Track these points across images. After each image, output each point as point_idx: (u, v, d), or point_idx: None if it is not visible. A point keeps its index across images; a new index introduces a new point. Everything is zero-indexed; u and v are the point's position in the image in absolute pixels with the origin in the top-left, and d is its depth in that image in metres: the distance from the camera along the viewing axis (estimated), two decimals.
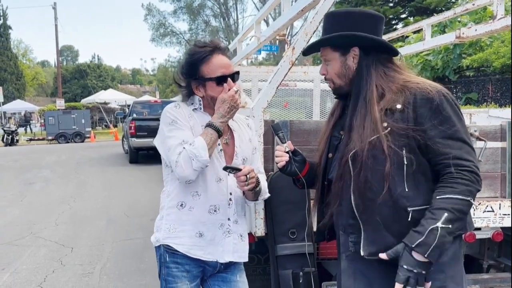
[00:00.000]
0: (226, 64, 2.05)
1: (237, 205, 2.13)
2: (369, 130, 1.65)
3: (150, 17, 39.62)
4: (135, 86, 74.99)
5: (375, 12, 1.89)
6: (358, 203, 1.68)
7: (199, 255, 2.07)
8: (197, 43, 2.08)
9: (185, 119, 2.05)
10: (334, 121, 1.95)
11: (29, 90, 52.81)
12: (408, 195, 1.63)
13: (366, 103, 1.69)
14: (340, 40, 1.77)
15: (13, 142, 22.80)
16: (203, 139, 1.95)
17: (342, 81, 1.82)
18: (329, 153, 1.91)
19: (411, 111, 1.64)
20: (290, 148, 1.92)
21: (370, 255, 1.68)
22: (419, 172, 1.65)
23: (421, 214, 1.62)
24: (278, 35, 4.35)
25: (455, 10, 4.77)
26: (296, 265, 2.57)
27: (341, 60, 1.80)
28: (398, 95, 1.68)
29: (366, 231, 1.68)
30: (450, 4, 22.65)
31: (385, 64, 1.78)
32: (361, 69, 1.76)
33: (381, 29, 1.82)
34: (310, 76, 5.61)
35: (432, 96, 1.64)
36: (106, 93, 37.99)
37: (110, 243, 5.97)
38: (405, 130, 1.63)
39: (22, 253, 5.63)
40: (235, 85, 2.05)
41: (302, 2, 3.00)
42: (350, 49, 1.78)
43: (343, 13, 1.86)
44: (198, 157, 1.92)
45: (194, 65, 2.03)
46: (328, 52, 1.83)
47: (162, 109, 2.09)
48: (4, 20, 47.84)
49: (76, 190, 10.04)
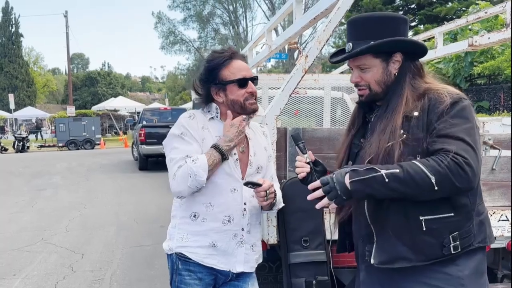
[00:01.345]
0: (246, 67, 2.07)
1: (251, 215, 2.13)
2: (388, 136, 1.63)
3: (160, 25, 39.89)
4: (145, 94, 75.48)
5: (403, 15, 1.86)
6: (371, 212, 1.67)
7: (212, 264, 2.07)
8: (215, 50, 2.10)
9: (196, 131, 2.04)
10: (356, 129, 1.92)
11: (40, 97, 53.40)
12: (421, 204, 1.60)
13: (395, 109, 1.67)
14: (386, 46, 1.72)
15: (24, 149, 23.01)
16: (206, 160, 1.94)
17: (380, 87, 1.76)
18: (348, 161, 1.88)
19: (425, 117, 1.63)
20: (311, 159, 1.88)
21: (381, 264, 1.65)
22: None
23: (435, 223, 1.59)
24: (289, 43, 4.37)
25: (468, 18, 4.75)
26: (309, 273, 2.55)
27: (382, 67, 1.75)
28: (417, 102, 1.67)
29: (379, 240, 1.67)
30: (460, 12, 22.60)
31: (416, 69, 1.76)
32: (401, 76, 1.73)
33: (408, 32, 1.81)
34: (321, 84, 5.61)
35: (444, 100, 1.62)
36: (116, 101, 38.31)
37: (120, 250, 5.99)
38: (418, 140, 1.61)
39: (33, 259, 5.65)
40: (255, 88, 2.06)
41: (315, 11, 3.02)
42: (392, 55, 1.74)
43: (375, 17, 1.80)
44: (196, 176, 1.92)
45: (214, 70, 2.04)
46: (369, 58, 1.75)
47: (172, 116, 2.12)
48: (16, 28, 48.57)
49: (87, 196, 10.09)
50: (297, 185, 2.08)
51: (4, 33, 47.36)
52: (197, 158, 1.95)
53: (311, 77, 5.59)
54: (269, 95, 5.47)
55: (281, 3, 34.08)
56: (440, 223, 1.60)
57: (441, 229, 1.60)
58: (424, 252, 1.61)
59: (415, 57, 1.77)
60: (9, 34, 47.59)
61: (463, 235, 1.63)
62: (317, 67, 28.68)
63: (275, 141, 2.62)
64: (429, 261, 1.61)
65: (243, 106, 2.04)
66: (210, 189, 2.03)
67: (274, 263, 3.08)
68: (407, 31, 1.78)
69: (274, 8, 35.47)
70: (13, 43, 47.46)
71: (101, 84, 52.75)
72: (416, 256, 1.61)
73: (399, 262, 1.63)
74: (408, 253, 1.61)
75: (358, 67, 1.79)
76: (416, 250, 1.61)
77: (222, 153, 1.98)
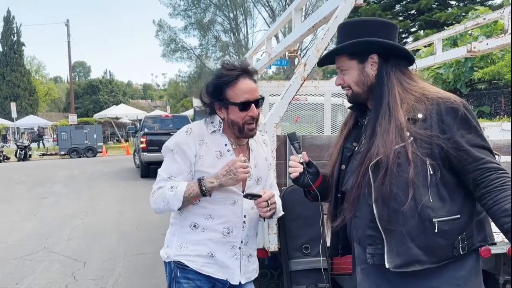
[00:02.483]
0: (251, 89, 2.01)
1: (250, 227, 2.14)
2: (394, 136, 1.62)
3: (161, 33, 39.98)
4: (146, 101, 75.68)
5: (390, 21, 1.88)
6: (381, 213, 1.64)
7: (210, 272, 2.08)
8: (225, 65, 2.05)
9: (190, 147, 2.03)
10: (347, 132, 1.93)
11: (41, 106, 53.56)
12: (433, 206, 1.61)
13: (390, 110, 1.67)
14: (358, 47, 1.75)
15: (26, 157, 23.03)
16: (184, 191, 1.98)
17: (360, 88, 1.79)
18: (342, 165, 1.89)
19: (435, 120, 1.63)
20: (305, 159, 1.90)
21: (396, 268, 1.64)
22: (442, 182, 1.63)
23: (447, 225, 1.61)
24: (288, 51, 4.39)
25: (466, 25, 4.78)
26: (310, 280, 2.55)
27: (359, 68, 1.78)
28: (418, 104, 1.67)
29: (389, 242, 1.64)
30: (460, 17, 22.66)
31: (403, 72, 1.77)
32: (381, 76, 1.74)
33: (396, 37, 1.81)
34: (321, 90, 5.64)
35: (457, 106, 1.64)
36: (118, 108, 38.41)
37: (122, 258, 5.99)
38: (429, 138, 1.61)
39: (36, 268, 5.65)
40: (259, 111, 2.04)
41: (313, 19, 3.04)
42: (368, 56, 1.76)
43: (358, 21, 1.84)
44: (169, 203, 2.01)
45: (220, 87, 2.02)
46: (345, 60, 1.80)
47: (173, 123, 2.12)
48: (18, 37, 48.82)
49: (89, 204, 10.09)
50: (297, 192, 2.09)
51: (6, 42, 47.60)
52: (176, 186, 1.99)
53: (312, 83, 5.62)
54: (270, 102, 5.50)
55: (281, 10, 34.21)
56: (451, 224, 1.62)
57: (451, 231, 1.63)
58: (436, 254, 1.63)
59: (398, 60, 1.77)
60: (11, 43, 47.82)
61: (468, 235, 1.66)
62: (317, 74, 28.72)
63: (275, 149, 2.63)
64: (440, 262, 1.63)
65: (241, 129, 2.03)
66: (210, 202, 2.04)
67: (276, 270, 3.08)
68: (391, 35, 1.78)
69: (275, 15, 35.58)
70: (15, 52, 47.69)
71: (103, 92, 52.94)
72: (428, 258, 1.62)
73: (414, 265, 1.62)
74: (422, 256, 1.62)
75: (339, 69, 1.84)
76: (429, 253, 1.62)
77: (201, 189, 1.98)
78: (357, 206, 1.75)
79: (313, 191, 1.93)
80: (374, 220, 1.66)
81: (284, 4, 35.15)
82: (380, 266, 1.70)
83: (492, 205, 1.58)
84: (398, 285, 1.70)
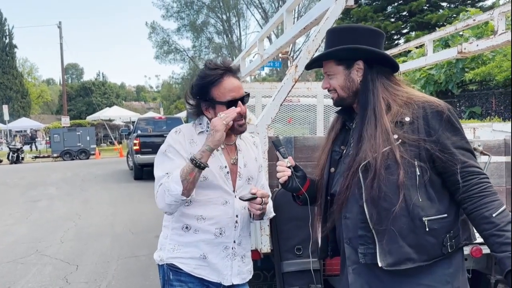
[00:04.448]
0: (236, 87, 2.03)
1: (242, 227, 2.13)
2: (381, 140, 1.67)
3: (154, 35, 39.98)
4: (140, 103, 75.42)
5: (377, 28, 1.93)
6: (372, 214, 1.67)
7: (202, 275, 2.08)
8: (208, 65, 2.06)
9: (182, 145, 2.04)
10: (334, 136, 1.97)
11: (34, 108, 53.28)
12: (422, 205, 1.66)
13: (376, 115, 1.72)
14: (345, 53, 1.80)
15: (18, 160, 22.89)
16: (180, 172, 1.91)
17: (346, 93, 1.84)
18: (331, 168, 1.92)
19: (421, 124, 1.69)
20: (292, 164, 1.92)
21: (389, 266, 1.67)
22: (429, 183, 1.69)
23: (436, 223, 1.66)
24: (280, 52, 4.40)
25: (457, 26, 4.82)
26: (302, 282, 2.56)
27: (345, 74, 1.83)
28: (404, 108, 1.72)
29: (381, 241, 1.67)
30: (451, 19, 22.82)
31: (388, 77, 1.82)
32: (367, 82, 1.79)
33: (382, 44, 1.86)
34: (314, 92, 5.65)
35: (442, 109, 1.70)
36: (111, 110, 38.25)
37: (116, 260, 5.97)
38: (417, 141, 1.67)
39: (28, 271, 5.62)
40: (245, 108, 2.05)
41: (304, 21, 3.05)
42: (354, 62, 1.81)
43: (346, 28, 1.89)
44: (169, 191, 1.92)
45: (205, 88, 2.03)
46: (332, 65, 1.85)
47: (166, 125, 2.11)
48: (10, 39, 48.60)
49: (82, 207, 10.05)
50: (289, 194, 2.09)
51: None
52: (172, 173, 1.95)
53: (304, 85, 5.63)
54: (263, 103, 5.51)
55: (274, 11, 34.28)
56: (440, 223, 1.67)
57: (440, 229, 1.67)
58: (427, 252, 1.67)
59: (384, 66, 1.82)
60: (2, 45, 47.59)
61: (455, 234, 1.72)
62: (310, 75, 28.79)
63: (267, 150, 2.64)
64: (430, 260, 1.67)
65: (231, 126, 2.02)
66: (201, 202, 2.04)
67: (269, 272, 3.09)
68: (378, 42, 1.83)
69: (268, 16, 35.64)
70: (7, 54, 47.47)
71: (96, 94, 52.69)
72: (419, 256, 1.66)
73: (406, 263, 1.66)
74: (413, 254, 1.66)
75: (326, 74, 1.89)
76: (420, 251, 1.66)
77: (192, 160, 1.90)
78: (347, 207, 1.78)
79: (302, 195, 1.95)
80: (365, 220, 1.69)
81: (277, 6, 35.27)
82: (371, 266, 1.73)
83: (472, 210, 1.66)
84: (389, 284, 1.73)
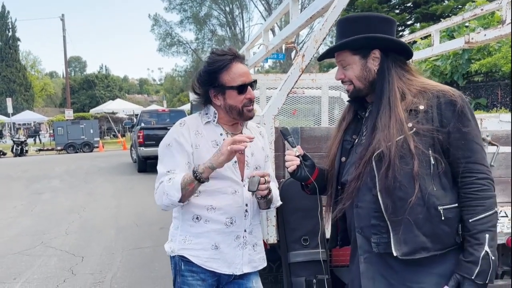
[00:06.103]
0: (246, 72, 2.04)
1: (253, 215, 2.13)
2: (395, 130, 1.66)
3: (157, 27, 39.87)
4: (143, 96, 75.51)
5: (389, 16, 1.90)
6: (387, 204, 1.66)
7: (214, 268, 2.07)
8: (216, 52, 2.06)
9: (186, 138, 2.03)
10: (345, 125, 1.95)
11: (37, 101, 53.42)
12: (437, 194, 1.65)
13: (390, 104, 1.70)
14: (362, 42, 1.77)
15: (22, 153, 22.98)
16: (181, 180, 1.94)
17: (362, 83, 1.81)
18: (342, 157, 1.90)
19: (435, 113, 1.68)
20: (300, 153, 1.91)
21: (404, 255, 1.66)
22: (443, 171, 1.68)
23: (451, 212, 1.66)
24: (286, 43, 4.37)
25: (464, 16, 4.76)
26: (309, 272, 2.55)
27: (361, 63, 1.80)
28: (418, 97, 1.71)
29: (395, 231, 1.66)
30: (456, 10, 22.65)
31: (403, 66, 1.80)
32: (383, 71, 1.76)
33: (395, 32, 1.84)
34: (318, 83, 5.63)
35: (456, 99, 1.68)
36: (114, 103, 38.31)
37: (120, 252, 5.98)
38: (430, 131, 1.66)
39: (33, 262, 5.64)
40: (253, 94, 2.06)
41: (311, 10, 3.02)
42: (371, 51, 1.78)
43: (360, 17, 1.85)
44: (168, 195, 1.96)
45: (214, 74, 2.01)
46: (347, 55, 1.82)
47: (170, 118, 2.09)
48: (13, 32, 48.63)
49: (86, 199, 10.07)
50: (296, 184, 2.08)
51: (0, 37, 47.41)
52: (174, 177, 1.97)
53: (309, 76, 5.61)
54: (267, 95, 5.49)
55: (277, 3, 34.10)
56: (454, 212, 1.67)
57: (454, 218, 1.67)
58: (442, 241, 1.66)
59: (398, 55, 1.80)
60: (6, 39, 47.64)
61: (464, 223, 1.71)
62: (314, 67, 28.70)
63: (273, 141, 2.62)
64: (444, 249, 1.67)
65: (240, 112, 2.03)
66: (210, 192, 2.04)
67: (275, 263, 3.08)
68: (391, 30, 1.81)
69: (271, 8, 35.49)
70: (10, 47, 47.52)
71: (99, 87, 52.71)
72: (434, 245, 1.66)
73: (420, 252, 1.66)
74: (428, 243, 1.65)
75: (340, 64, 1.86)
76: (435, 240, 1.66)
77: (194, 173, 1.93)
78: (358, 196, 1.76)
79: (311, 184, 1.94)
80: (379, 209, 1.68)
81: None
82: (384, 255, 1.72)
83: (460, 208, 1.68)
84: (402, 273, 1.72)
